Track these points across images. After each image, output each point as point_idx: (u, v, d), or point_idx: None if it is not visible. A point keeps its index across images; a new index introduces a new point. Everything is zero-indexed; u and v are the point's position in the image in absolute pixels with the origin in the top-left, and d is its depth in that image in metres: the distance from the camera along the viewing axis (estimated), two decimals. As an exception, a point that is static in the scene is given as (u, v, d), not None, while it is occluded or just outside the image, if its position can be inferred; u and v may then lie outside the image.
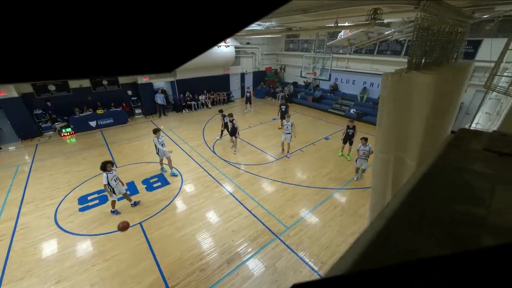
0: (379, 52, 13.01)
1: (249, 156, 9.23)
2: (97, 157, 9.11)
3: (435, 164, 0.63)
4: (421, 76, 1.99)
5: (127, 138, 10.94)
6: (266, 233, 5.51)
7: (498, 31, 8.87)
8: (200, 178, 7.76)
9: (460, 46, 3.14)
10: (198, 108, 15.50)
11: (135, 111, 13.86)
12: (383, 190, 2.68)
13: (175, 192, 7.04)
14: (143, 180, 7.58)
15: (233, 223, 5.80)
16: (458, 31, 2.88)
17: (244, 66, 17.91)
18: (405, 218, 0.43)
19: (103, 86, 12.72)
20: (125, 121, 12.87)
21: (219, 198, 6.75)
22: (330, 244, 5.22)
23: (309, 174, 8.02)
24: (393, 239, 0.38)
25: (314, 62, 12.92)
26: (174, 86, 14.85)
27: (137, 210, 6.25)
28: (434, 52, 2.40)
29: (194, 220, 5.91)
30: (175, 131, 11.81)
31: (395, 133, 2.34)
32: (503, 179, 0.55)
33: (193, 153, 9.44)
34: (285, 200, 6.70)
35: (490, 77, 3.44)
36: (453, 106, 2.54)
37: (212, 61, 14.61)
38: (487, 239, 0.37)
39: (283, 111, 11.33)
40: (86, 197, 6.82)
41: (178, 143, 10.34)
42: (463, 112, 10.33)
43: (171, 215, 6.10)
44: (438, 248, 0.35)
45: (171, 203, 6.54)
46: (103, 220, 5.93)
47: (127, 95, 13.65)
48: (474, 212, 0.44)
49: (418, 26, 2.04)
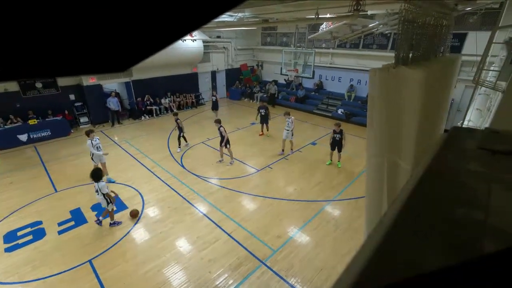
0: (364, 46, 13.89)
1: (225, 168, 9.14)
2: (29, 180, 8.40)
3: (430, 166, 0.67)
4: (410, 71, 2.16)
5: (70, 153, 10.27)
6: (250, 260, 5.43)
7: (482, 24, 10.00)
8: (166, 198, 7.50)
9: (446, 40, 3.48)
10: (161, 114, 15.13)
11: (80, 120, 13.17)
12: (379, 198, 2.80)
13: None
14: (93, 206, 7.14)
15: (209, 251, 5.65)
16: (443, 24, 3.19)
17: (215, 63, 17.97)
18: (405, 229, 0.45)
19: (37, 90, 11.91)
20: (66, 132, 12.16)
21: (190, 222, 6.57)
22: (324, 266, 5.29)
23: (296, 185, 8.14)
24: (393, 254, 0.40)
25: (295, 58, 13.40)
26: (130, 88, 14.38)
27: (82, 245, 5.81)
28: (421, 46, 2.62)
29: (161, 251, 5.66)
30: (133, 142, 11.35)
31: (387, 134, 2.48)
32: (498, 178, 0.61)
33: (157, 169, 9.12)
34: (270, 218, 6.70)
35: (478, 72, 3.84)
36: (444, 101, 2.78)
37: (176, 58, 14.45)
38: (488, 244, 0.40)
39: (263, 115, 11.48)
40: (15, 232, 6.22)
41: (137, 157, 9.93)
42: (454, 109, 11.34)
43: (131, 248, 5.78)
44: (442, 258, 0.37)
45: (130, 232, 6.22)
46: (39, 261, 5.42)
47: (69, 100, 12.97)
48: (474, 215, 0.47)
49: (403, 18, 2.23)
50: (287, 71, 13.64)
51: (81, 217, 6.74)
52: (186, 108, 16.29)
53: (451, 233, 0.43)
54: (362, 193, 7.63)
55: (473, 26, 10.06)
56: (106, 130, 12.98)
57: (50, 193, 7.79)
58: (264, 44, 19.16)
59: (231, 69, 19.00)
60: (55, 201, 7.42)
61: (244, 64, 19.53)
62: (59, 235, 6.12)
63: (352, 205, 7.27)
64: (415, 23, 2.39)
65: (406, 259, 0.38)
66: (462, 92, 11.24)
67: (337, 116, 14.08)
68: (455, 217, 0.48)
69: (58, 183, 8.30)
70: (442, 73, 2.68)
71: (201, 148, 10.84)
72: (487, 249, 0.38)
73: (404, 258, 0.38)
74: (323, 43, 15.31)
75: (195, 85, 17.19)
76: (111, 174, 8.69)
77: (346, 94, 15.09)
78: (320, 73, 16.28)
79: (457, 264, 0.34)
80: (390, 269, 0.37)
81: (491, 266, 0.34)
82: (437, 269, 0.34)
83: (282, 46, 16.77)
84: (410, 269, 0.35)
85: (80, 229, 6.29)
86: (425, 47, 2.71)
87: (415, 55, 2.54)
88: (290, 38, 17.12)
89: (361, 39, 13.52)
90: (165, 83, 15.53)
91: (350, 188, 8.04)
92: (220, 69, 18.41)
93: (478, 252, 0.38)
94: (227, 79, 19.13)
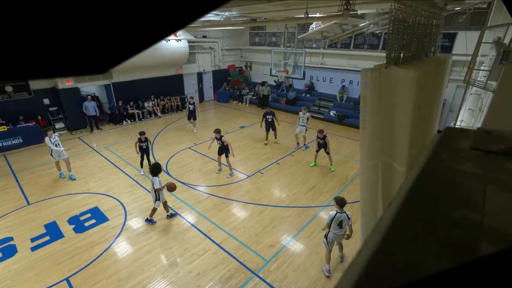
0: (355, 46, 14.23)
1: (214, 175, 9.08)
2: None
3: (425, 169, 0.69)
4: (401, 71, 2.22)
5: (44, 162, 9.95)
6: (241, 271, 5.38)
7: (471, 23, 10.46)
8: (151, 208, 7.35)
9: (436, 39, 3.62)
10: (144, 118, 14.92)
11: (56, 126, 12.82)
12: (374, 202, 2.85)
13: (116, 230, 6.54)
14: (70, 219, 6.93)
15: (198, 264, 5.57)
16: (433, 23, 3.32)
17: (201, 64, 17.95)
18: (403, 233, 0.46)
19: (7, 94, 11.54)
20: (40, 139, 11.76)
21: (177, 233, 6.46)
22: (320, 275, 5.30)
23: (289, 191, 8.17)
24: (391, 259, 0.40)
25: (285, 58, 13.55)
26: (110, 90, 14.14)
27: (59, 261, 5.61)
28: (412, 45, 2.71)
29: (145, 266, 5.53)
30: (113, 149, 11.11)
31: (380, 136, 2.54)
32: (493, 179, 0.63)
33: (140, 177, 8.95)
34: (262, 226, 6.69)
35: (469, 72, 4.00)
36: (436, 102, 2.87)
37: (160, 59, 14.34)
38: (486, 245, 0.41)
39: (270, 121, 11.02)
40: (-18, 251, 5.92)
41: (118, 165, 9.72)
42: (446, 110, 11.74)
43: (113, 263, 5.62)
44: (441, 262, 0.38)
45: (112, 246, 6.06)
46: (11, 281, 5.19)
47: (43, 104, 12.61)
48: (471, 217, 0.49)
49: (393, 18, 2.30)
50: (276, 72, 13.75)
51: (57, 231, 6.51)
52: (171, 111, 16.13)
53: (449, 235, 0.44)
54: (356, 197, 7.73)
55: (463, 26, 10.51)
56: (84, 136, 12.67)
57: (22, 206, 7.50)
58: (253, 44, 19.31)
59: (218, 70, 19.01)
60: (27, 214, 7.14)
61: (232, 65, 19.59)
62: (32, 251, 5.88)
63: (348, 209, 7.33)
64: (405, 23, 2.47)
65: (405, 264, 0.38)
66: (454, 92, 11.66)
67: (329, 118, 14.28)
68: (452, 219, 0.49)
69: (30, 195, 8.00)
70: (434, 73, 2.78)
71: (187, 154, 10.73)
72: (485, 250, 0.39)
73: (403, 263, 0.39)
74: (313, 43, 15.57)
75: (180, 87, 17.08)
76: (90, 184, 8.47)
77: (338, 95, 15.35)
78: (311, 74, 16.52)
79: (456, 266, 0.34)
80: (388, 275, 0.37)
81: (490, 267, 0.35)
82: (436, 272, 0.35)
83: (271, 46, 16.94)
84: (409, 274, 0.36)
85: (56, 245, 6.07)
86: (416, 47, 2.80)
87: (407, 55, 2.62)
88: (280, 38, 17.32)
89: (352, 39, 13.84)
90: (148, 86, 15.36)
91: (344, 192, 8.13)
92: (206, 70, 18.39)
93: (476, 253, 0.39)
94: (214, 80, 19.11)
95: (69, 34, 0.28)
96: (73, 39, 0.28)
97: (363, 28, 8.19)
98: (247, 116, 15.36)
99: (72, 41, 0.29)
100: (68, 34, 0.28)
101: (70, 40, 0.28)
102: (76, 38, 0.29)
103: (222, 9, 7.68)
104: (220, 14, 8.62)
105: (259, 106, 16.81)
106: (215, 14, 8.77)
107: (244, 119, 14.81)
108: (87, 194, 7.96)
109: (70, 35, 0.28)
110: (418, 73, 2.20)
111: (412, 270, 0.36)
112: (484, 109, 4.14)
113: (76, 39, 0.29)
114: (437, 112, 3.11)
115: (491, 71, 3.21)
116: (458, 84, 11.24)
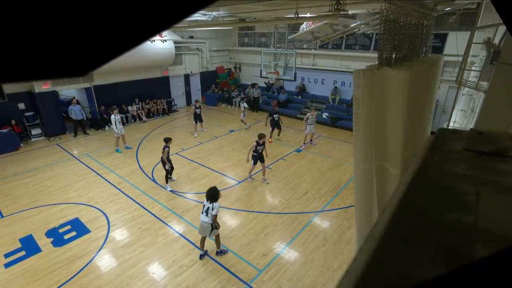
0: (347, 47, 14.50)
1: (202, 181, 9.01)
2: (-31, 204, 7.76)
3: (419, 171, 0.71)
4: (394, 72, 2.28)
5: (19, 171, 9.65)
6: (233, 282, 5.34)
7: (461, 24, 10.84)
8: (136, 218, 7.23)
9: (428, 40, 3.74)
10: (128, 123, 14.69)
11: (32, 132, 12.48)
12: (369, 206, 2.88)
13: (98, 242, 6.39)
14: (48, 231, 6.73)
15: (187, 276, 5.49)
16: (424, 24, 3.43)
17: (188, 66, 17.89)
18: (398, 239, 0.47)
19: (-22, 99, 11.17)
20: (15, 147, 11.46)
21: (164, 244, 6.36)
22: (315, 284, 5.31)
23: (281, 197, 8.18)
24: (387, 266, 0.41)
25: (276, 59, 13.66)
26: (91, 94, 13.90)
27: (35, 278, 5.42)
28: (404, 46, 2.79)
29: (130, 280, 5.43)
30: (95, 155, 10.89)
31: (373, 138, 2.59)
32: (486, 180, 0.65)
33: (124, 185, 8.79)
34: (254, 234, 6.66)
35: (460, 72, 4.14)
36: (429, 103, 2.95)
37: (144, 60, 14.21)
38: (481, 248, 0.42)
39: (276, 120, 11.76)
40: (-50, 269, 5.66)
41: (100, 173, 9.53)
42: (439, 111, 12.06)
43: (95, 278, 5.49)
44: (437, 267, 0.38)
45: (94, 260, 5.91)
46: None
47: (18, 109, 12.27)
48: (465, 220, 0.50)
49: (384, 18, 2.36)
50: (267, 73, 13.84)
51: (33, 245, 6.30)
52: (156, 115, 15.97)
53: (443, 239, 0.45)
54: (351, 202, 7.81)
55: (453, 26, 10.87)
56: (63, 143, 12.36)
57: (-6, 219, 7.24)
58: (242, 45, 19.40)
59: (206, 72, 18.98)
60: (0, 228, 6.89)
61: (221, 66, 19.60)
62: (6, 268, 5.67)
63: (342, 215, 7.41)
64: (396, 23, 2.54)
65: (399, 272, 0.39)
66: (446, 93, 12.00)
67: (322, 120, 14.43)
68: (446, 223, 0.50)
69: (4, 207, 7.73)
70: (426, 74, 2.86)
71: (174, 159, 10.61)
72: (479, 253, 0.40)
73: (398, 271, 0.39)
74: (304, 44, 15.77)
75: (166, 90, 16.94)
76: (70, 194, 8.27)
77: (330, 97, 15.55)
78: (303, 75, 16.69)
79: (450, 271, 0.35)
80: (384, 283, 0.38)
81: (484, 270, 0.36)
82: (432, 278, 0.36)
83: (261, 47, 17.06)
84: (404, 282, 0.36)
85: (32, 260, 5.87)
86: (407, 47, 2.88)
87: (398, 55, 2.70)
88: (269, 39, 17.48)
89: (343, 40, 14.10)
90: (132, 88, 15.16)
91: (339, 197, 8.21)
92: (194, 72, 18.33)
93: (471, 257, 0.40)
94: (202, 83, 19.05)
95: (45, 34, 0.27)
96: (50, 39, 0.28)
97: (354, 29, 8.37)
98: (236, 120, 15.38)
99: (49, 41, 0.28)
100: (44, 33, 0.27)
101: (47, 40, 0.28)
102: (54, 38, 0.28)
103: (210, 9, 7.70)
104: (208, 13, 8.64)
105: (251, 109, 16.87)
106: (202, 14, 8.79)
107: (234, 123, 14.81)
108: (66, 204, 7.75)
109: (47, 35, 0.28)
110: (410, 74, 2.26)
111: (407, 278, 0.36)
112: (476, 109, 4.28)
113: (53, 39, 0.28)
114: (430, 113, 3.21)
115: (482, 71, 3.32)
116: (450, 84, 11.58)
